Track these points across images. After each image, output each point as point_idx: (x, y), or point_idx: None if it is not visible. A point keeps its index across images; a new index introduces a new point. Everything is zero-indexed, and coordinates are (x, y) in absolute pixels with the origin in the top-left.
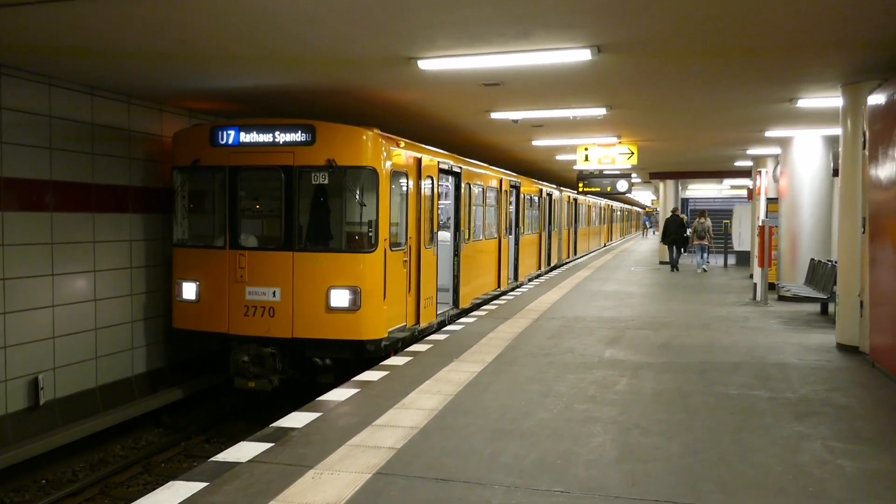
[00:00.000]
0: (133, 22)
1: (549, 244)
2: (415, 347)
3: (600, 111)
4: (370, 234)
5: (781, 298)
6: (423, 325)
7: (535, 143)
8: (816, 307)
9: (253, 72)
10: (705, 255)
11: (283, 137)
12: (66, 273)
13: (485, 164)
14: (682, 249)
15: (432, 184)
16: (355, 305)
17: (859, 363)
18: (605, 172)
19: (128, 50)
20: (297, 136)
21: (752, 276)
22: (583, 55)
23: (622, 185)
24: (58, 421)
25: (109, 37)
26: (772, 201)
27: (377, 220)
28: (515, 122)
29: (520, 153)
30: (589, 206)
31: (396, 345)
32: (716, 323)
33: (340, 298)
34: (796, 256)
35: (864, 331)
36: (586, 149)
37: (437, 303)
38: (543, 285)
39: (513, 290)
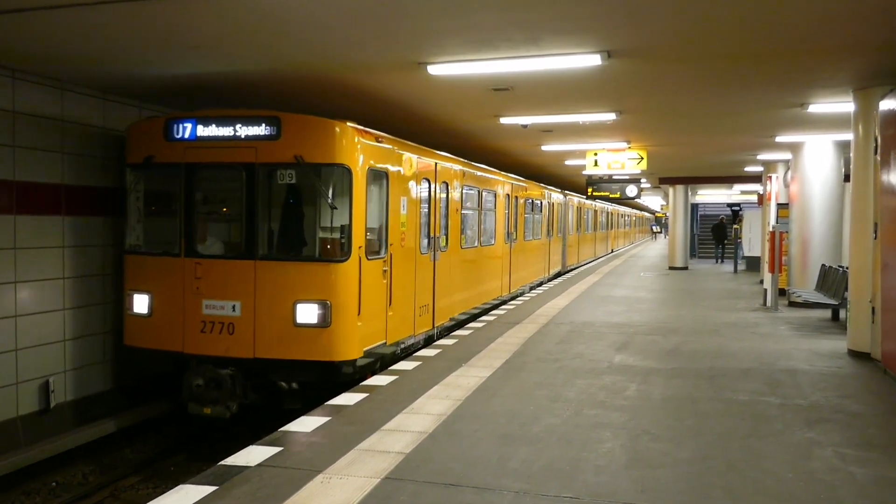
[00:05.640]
0: (143, 30)
1: (551, 251)
2: (423, 352)
3: (610, 116)
4: (342, 240)
5: (792, 304)
6: (419, 334)
7: (544, 148)
8: (827, 313)
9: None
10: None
11: (244, 131)
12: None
13: (477, 164)
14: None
15: (429, 186)
16: (325, 321)
17: (871, 370)
18: (614, 178)
19: (136, 52)
20: (261, 130)
21: (762, 282)
22: (592, 60)
23: (631, 191)
24: None
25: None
26: (782, 207)
27: (350, 225)
28: (524, 127)
29: (529, 158)
30: (595, 211)
31: (374, 365)
32: (726, 328)
33: (308, 314)
34: (807, 262)
35: (875, 337)
36: (595, 154)
37: (432, 312)
38: (551, 291)
39: (512, 298)
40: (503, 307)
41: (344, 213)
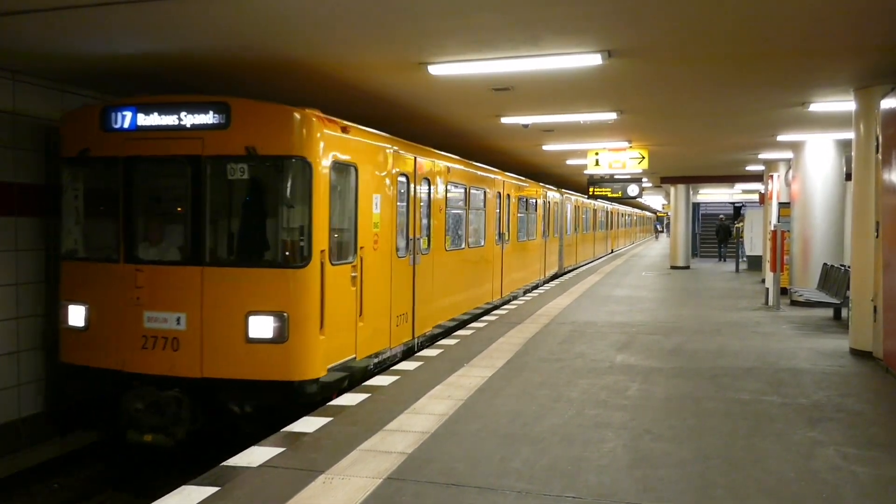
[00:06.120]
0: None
1: (547, 251)
2: (425, 353)
3: (610, 116)
4: (301, 243)
5: (794, 303)
6: (396, 346)
7: (545, 147)
8: (829, 312)
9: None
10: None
11: (190, 119)
12: None
13: (464, 159)
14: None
15: (408, 182)
16: (281, 336)
17: (873, 368)
18: (615, 177)
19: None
20: (207, 118)
21: (763, 281)
22: (593, 60)
23: (633, 190)
24: None
25: None
26: (784, 206)
27: (310, 226)
28: (525, 126)
29: (530, 158)
30: (594, 211)
31: (342, 383)
32: (727, 328)
33: (262, 327)
34: (809, 261)
35: (877, 336)
36: (597, 153)
37: (411, 321)
38: (553, 290)
39: (505, 303)
40: (505, 307)
41: (303, 212)
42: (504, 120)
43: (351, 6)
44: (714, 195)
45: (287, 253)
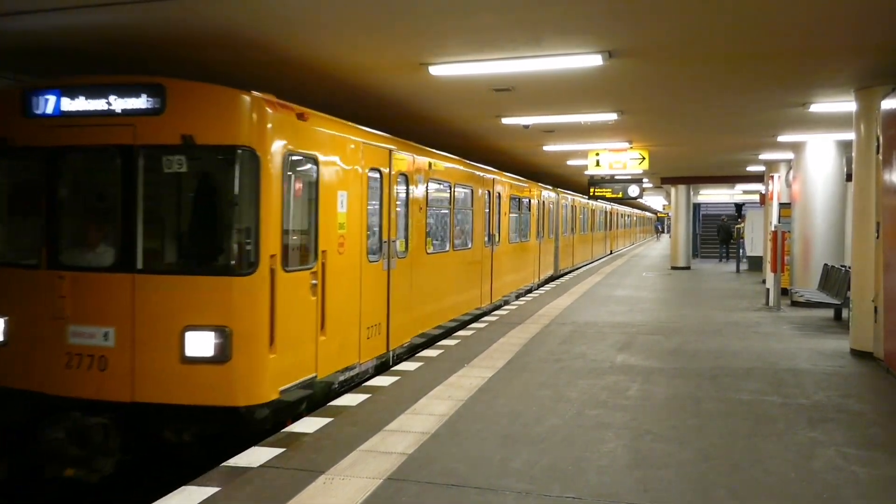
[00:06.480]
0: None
1: (541, 253)
2: (426, 353)
3: (611, 116)
4: (247, 247)
5: (794, 304)
6: (366, 361)
7: (545, 148)
8: (830, 313)
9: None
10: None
11: (120, 103)
12: None
13: (448, 155)
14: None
15: (382, 178)
16: (223, 355)
17: (873, 369)
18: (616, 178)
19: None
20: (140, 102)
21: (764, 282)
22: (594, 61)
23: (633, 190)
24: None
25: None
26: (784, 206)
27: (257, 227)
28: (526, 127)
29: (531, 159)
30: (592, 210)
31: (298, 406)
32: (728, 328)
33: (201, 344)
34: (809, 261)
35: (878, 336)
36: (597, 154)
37: (385, 332)
38: (553, 291)
39: (495, 309)
40: (505, 308)
41: (249, 211)
42: (505, 120)
43: (351, 7)
44: (714, 196)
45: (230, 258)
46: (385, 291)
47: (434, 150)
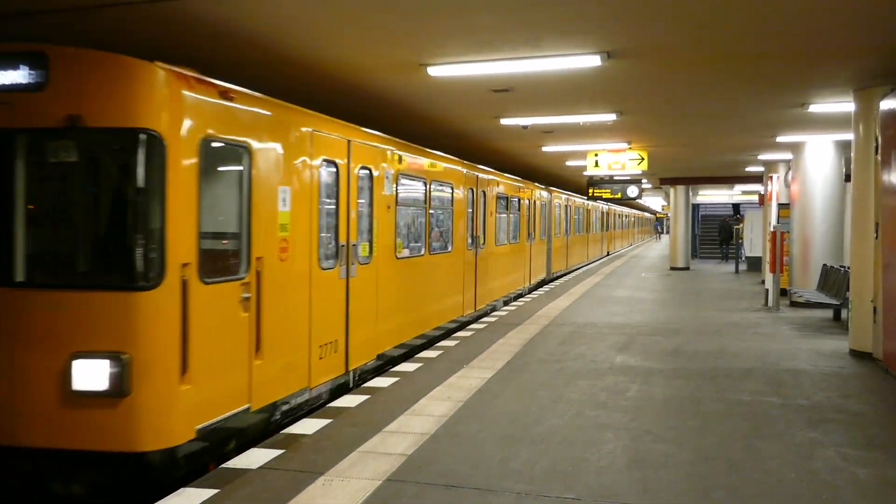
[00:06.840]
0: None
1: (532, 256)
2: (425, 354)
3: (610, 117)
4: (150, 254)
5: (793, 304)
6: (318, 385)
7: (544, 148)
8: (829, 313)
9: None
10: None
11: None
12: None
13: (423, 148)
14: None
15: (338, 172)
16: (120, 388)
17: (873, 369)
18: (615, 178)
19: None
20: (18, 74)
21: (763, 282)
22: (592, 61)
23: (632, 191)
24: None
25: None
26: (783, 207)
27: (163, 230)
28: (525, 128)
29: (530, 159)
30: (588, 211)
31: (224, 446)
32: (727, 329)
33: (92, 375)
34: (808, 262)
35: (877, 337)
36: (596, 155)
37: (344, 350)
38: (553, 292)
39: (481, 316)
40: (504, 308)
41: (153, 209)
42: (504, 121)
43: (351, 7)
44: (714, 196)
45: (130, 269)
46: (343, 303)
47: (401, 141)
